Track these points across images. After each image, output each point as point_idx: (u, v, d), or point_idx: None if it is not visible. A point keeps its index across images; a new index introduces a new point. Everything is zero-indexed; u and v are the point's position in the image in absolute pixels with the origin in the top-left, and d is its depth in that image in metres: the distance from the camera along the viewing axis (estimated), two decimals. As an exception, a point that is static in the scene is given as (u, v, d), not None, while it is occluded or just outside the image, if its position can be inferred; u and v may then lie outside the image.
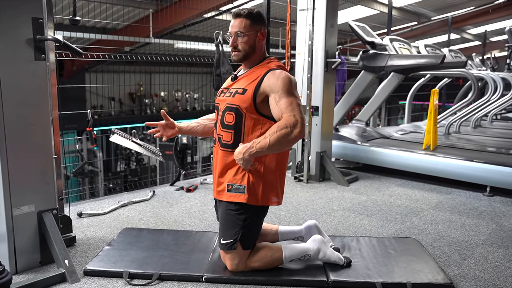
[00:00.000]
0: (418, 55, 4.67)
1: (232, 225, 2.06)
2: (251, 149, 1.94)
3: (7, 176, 2.04)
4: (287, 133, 1.91)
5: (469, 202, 3.59)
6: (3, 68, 1.98)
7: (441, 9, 10.06)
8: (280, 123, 1.93)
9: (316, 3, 4.00)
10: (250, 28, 2.05)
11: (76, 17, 2.29)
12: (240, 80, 2.13)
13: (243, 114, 2.03)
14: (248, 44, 2.06)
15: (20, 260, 2.15)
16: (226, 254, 2.11)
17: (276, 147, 1.94)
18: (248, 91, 2.03)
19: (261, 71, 2.06)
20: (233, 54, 2.10)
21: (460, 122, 5.92)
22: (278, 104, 1.97)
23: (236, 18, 2.07)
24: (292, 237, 2.40)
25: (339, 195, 3.72)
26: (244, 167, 2.00)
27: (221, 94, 2.18)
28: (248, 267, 2.11)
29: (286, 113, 1.94)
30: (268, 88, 2.00)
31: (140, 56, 4.93)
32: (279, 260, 2.15)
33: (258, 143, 1.93)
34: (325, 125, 4.20)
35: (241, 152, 1.96)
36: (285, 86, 1.98)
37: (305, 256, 2.17)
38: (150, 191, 3.65)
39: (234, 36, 2.06)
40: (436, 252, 2.54)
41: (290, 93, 1.98)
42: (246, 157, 1.95)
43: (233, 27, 2.08)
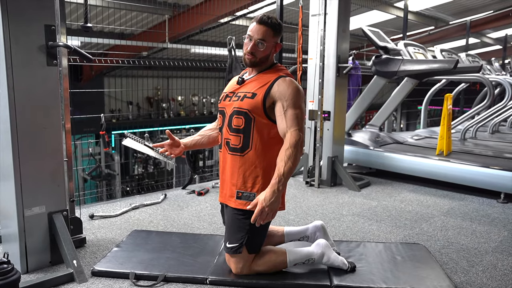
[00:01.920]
0: (430, 60, 4.63)
1: (238, 230, 2.08)
2: (280, 180, 1.88)
3: (19, 177, 2.11)
4: (299, 150, 1.94)
5: (481, 208, 3.54)
6: (16, 73, 2.05)
7: (459, 13, 9.93)
8: (291, 141, 1.93)
9: (328, 8, 4.01)
10: (272, 39, 2.07)
11: (87, 24, 2.35)
12: (248, 84, 2.12)
13: (252, 118, 2.05)
14: (265, 54, 2.08)
15: (31, 259, 2.21)
16: (231, 258, 2.13)
17: (296, 165, 1.95)
18: (258, 95, 2.04)
19: (271, 77, 2.07)
20: (246, 57, 2.08)
21: (477, 128, 5.83)
22: (285, 113, 1.98)
23: (261, 24, 2.05)
24: (298, 238, 2.40)
25: (350, 200, 3.71)
26: (273, 208, 1.87)
27: (226, 98, 2.17)
28: (252, 270, 2.13)
29: (292, 128, 1.96)
30: (277, 94, 2.01)
31: (156, 61, 5.01)
32: (283, 264, 2.16)
33: (281, 173, 1.88)
34: (336, 130, 4.19)
35: (273, 190, 1.87)
36: (294, 96, 2.00)
37: (309, 260, 2.18)
38: (162, 194, 3.71)
39: (255, 42, 2.05)
40: (444, 258, 2.51)
41: (297, 105, 2.00)
42: (281, 189, 1.89)
43: (255, 33, 2.05)
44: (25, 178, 2.13)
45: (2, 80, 2.05)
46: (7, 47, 2.01)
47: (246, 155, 2.07)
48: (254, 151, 2.05)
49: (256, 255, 2.14)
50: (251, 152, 2.06)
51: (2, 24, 1.99)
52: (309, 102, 4.20)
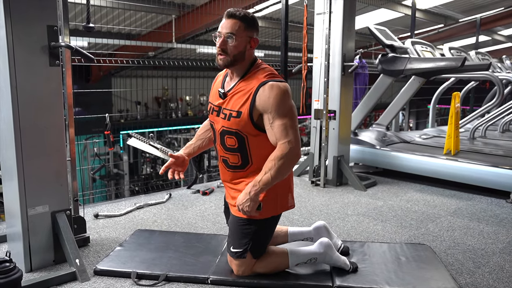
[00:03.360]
0: (437, 58, 4.58)
1: (242, 236, 2.05)
2: (255, 187, 1.88)
3: (22, 177, 2.12)
4: (285, 164, 1.88)
5: (490, 209, 3.48)
6: (19, 73, 2.07)
7: (469, 10, 9.81)
8: (276, 154, 1.88)
9: (333, 7, 3.98)
10: (243, 33, 1.91)
11: (89, 24, 2.36)
12: (231, 98, 1.99)
13: (244, 136, 1.97)
14: (238, 50, 1.91)
15: (35, 258, 2.23)
16: (234, 261, 2.12)
17: (279, 178, 1.90)
18: (243, 113, 1.93)
19: (252, 86, 1.93)
20: (218, 58, 1.93)
21: (486, 126, 5.76)
22: (272, 126, 1.90)
23: (229, 18, 1.91)
24: (301, 238, 2.38)
25: (355, 200, 3.68)
26: (251, 209, 1.90)
27: (213, 112, 2.07)
28: (253, 272, 2.12)
29: (280, 141, 1.88)
30: (261, 108, 1.90)
31: (163, 61, 5.03)
32: (285, 265, 2.14)
33: (260, 180, 1.88)
34: (342, 129, 4.16)
35: (247, 193, 1.90)
36: (277, 105, 1.87)
37: (311, 260, 2.15)
38: (167, 194, 3.71)
39: (224, 37, 1.90)
40: (449, 259, 2.48)
41: (282, 113, 1.88)
42: (253, 197, 1.88)
43: (224, 28, 1.91)
44: (28, 178, 2.14)
45: (5, 80, 2.07)
46: (10, 48, 2.03)
47: (249, 169, 2.04)
48: (257, 165, 1.99)
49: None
50: (253, 166, 2.02)
51: (5, 24, 2.01)
52: (314, 101, 4.18)
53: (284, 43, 4.59)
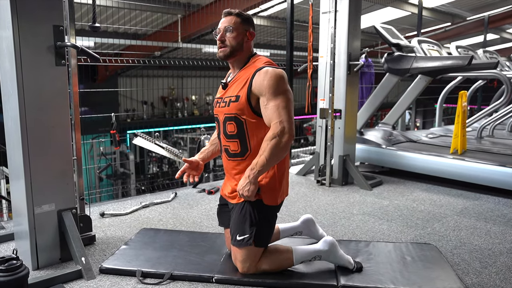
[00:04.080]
0: (444, 57, 4.55)
1: (247, 221, 2.06)
2: (253, 170, 1.93)
3: (29, 176, 2.14)
4: (277, 143, 1.91)
5: (497, 208, 3.46)
6: (25, 73, 2.08)
7: (477, 8, 9.73)
8: (268, 134, 1.94)
9: (338, 5, 3.97)
10: (240, 26, 2.07)
11: (95, 24, 2.37)
12: (231, 87, 2.11)
13: (243, 121, 2.04)
14: (237, 41, 2.05)
15: (42, 256, 2.25)
16: (238, 255, 2.11)
17: (273, 160, 1.95)
18: (241, 97, 2.02)
19: (249, 73, 2.04)
20: (219, 50, 2.08)
21: (494, 126, 5.71)
22: (266, 108, 1.97)
23: (227, 16, 2.09)
24: (291, 233, 2.48)
25: (361, 199, 3.67)
26: (251, 193, 1.96)
27: (217, 105, 2.18)
28: (258, 269, 2.12)
29: (273, 120, 1.94)
30: (257, 91, 1.99)
31: (169, 61, 5.04)
32: (289, 262, 2.15)
33: (257, 163, 1.93)
34: (348, 128, 4.15)
35: (246, 177, 1.95)
36: (271, 87, 1.95)
37: (315, 257, 2.15)
38: (172, 193, 3.73)
39: (223, 31, 2.06)
40: (456, 259, 2.46)
41: (276, 94, 1.95)
42: (252, 180, 1.94)
43: (222, 23, 2.08)
44: (35, 177, 2.16)
45: (12, 80, 2.09)
46: (16, 48, 2.04)
47: (248, 157, 2.08)
48: (255, 153, 2.02)
49: (262, 254, 2.13)
50: (252, 154, 2.06)
51: (12, 24, 2.02)
52: (320, 100, 4.17)
53: (290, 42, 4.59)
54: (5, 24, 2.07)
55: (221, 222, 2.37)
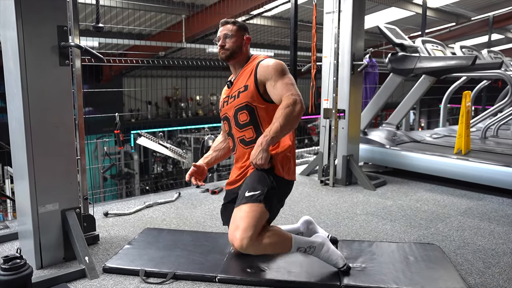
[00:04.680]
0: (448, 57, 4.53)
1: (260, 181, 2.09)
2: (266, 137, 2.02)
3: (33, 175, 2.15)
4: (291, 111, 2.02)
5: (501, 209, 3.44)
6: (30, 73, 2.09)
7: (481, 8, 9.69)
8: (281, 105, 2.05)
9: (342, 5, 3.97)
10: (237, 32, 2.27)
11: (99, 24, 2.38)
12: (236, 83, 2.28)
13: (253, 107, 2.17)
14: (236, 44, 2.25)
15: (45, 255, 2.26)
16: (242, 221, 2.01)
17: (287, 127, 2.04)
18: (249, 86, 2.17)
19: (252, 66, 2.22)
20: (220, 53, 2.27)
21: (499, 126, 5.68)
22: (275, 88, 2.11)
23: (224, 25, 2.29)
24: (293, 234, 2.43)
25: (364, 199, 3.67)
26: (264, 161, 2.03)
27: (224, 104, 2.32)
28: (259, 243, 2.03)
29: (284, 94, 2.07)
30: (263, 77, 2.14)
31: (173, 61, 5.05)
32: (288, 242, 2.11)
33: (271, 130, 2.03)
34: (351, 128, 4.15)
35: (258, 145, 2.04)
36: (276, 70, 2.12)
37: (310, 247, 2.16)
38: (176, 193, 3.74)
39: (223, 38, 2.26)
40: (459, 259, 2.45)
41: (282, 75, 2.12)
42: (265, 147, 2.02)
43: (221, 31, 2.28)
44: (39, 176, 2.17)
45: (16, 80, 2.10)
46: (21, 48, 2.06)
47: None
48: None
49: (265, 230, 2.08)
50: None
51: (16, 25, 2.04)
52: (323, 100, 4.17)
53: (294, 43, 4.59)
54: (9, 24, 2.09)
55: (226, 221, 2.36)
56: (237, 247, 2.01)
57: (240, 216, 2.05)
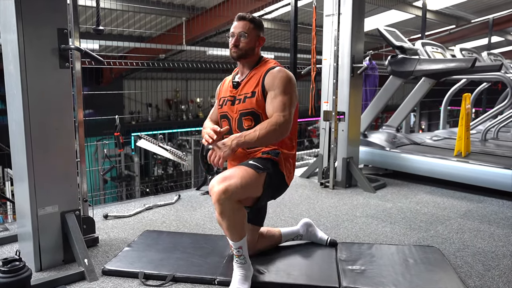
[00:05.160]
0: (447, 59, 4.54)
1: (266, 164, 2.07)
2: (240, 138, 1.97)
3: (32, 178, 2.16)
4: (274, 131, 1.99)
5: (501, 211, 3.44)
6: (30, 75, 2.10)
7: (481, 11, 9.70)
8: (271, 120, 2.02)
9: (342, 8, 3.98)
10: (253, 31, 2.17)
11: (99, 27, 2.39)
12: (244, 85, 2.19)
13: (259, 114, 2.13)
14: (249, 45, 2.17)
15: (45, 258, 2.26)
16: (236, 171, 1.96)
17: (262, 141, 2.01)
18: (257, 93, 2.13)
19: (261, 71, 2.16)
20: (232, 51, 2.17)
21: (499, 128, 5.68)
22: (272, 101, 2.06)
23: (240, 20, 2.17)
24: (293, 237, 2.59)
25: (364, 202, 3.67)
26: (223, 153, 1.94)
27: (226, 103, 2.22)
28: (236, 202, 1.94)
29: (277, 112, 2.03)
30: (268, 86, 2.10)
31: (173, 63, 5.06)
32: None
33: (248, 135, 1.98)
34: (351, 130, 4.15)
35: (230, 139, 1.97)
36: (282, 85, 2.07)
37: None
38: (176, 195, 3.74)
39: (237, 35, 2.16)
40: (458, 262, 2.45)
41: (285, 92, 2.07)
42: (234, 146, 1.96)
43: (236, 28, 2.17)
44: (39, 178, 2.18)
45: (16, 82, 2.11)
46: (21, 50, 2.07)
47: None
48: None
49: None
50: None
51: (16, 27, 2.05)
52: (323, 102, 4.17)
53: (294, 45, 4.60)
54: (10, 27, 2.10)
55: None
56: (217, 190, 1.88)
57: (235, 168, 2.00)
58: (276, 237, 2.50)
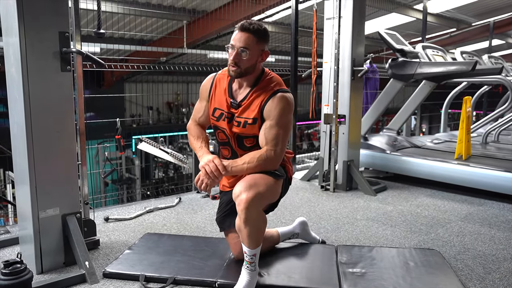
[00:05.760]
0: (448, 62, 4.55)
1: (280, 170, 2.10)
2: (231, 168, 1.99)
3: (34, 180, 2.16)
4: (264, 166, 2.00)
5: (502, 214, 3.44)
6: (31, 78, 2.11)
7: (482, 14, 9.72)
8: (262, 154, 1.99)
9: (342, 11, 3.99)
10: (256, 46, 1.99)
11: (100, 30, 2.40)
12: (245, 106, 2.06)
13: None
14: (251, 63, 2.00)
15: (46, 260, 2.26)
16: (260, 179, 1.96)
17: (249, 171, 2.00)
18: (258, 119, 2.04)
19: (263, 95, 2.03)
20: (230, 69, 2.01)
21: (499, 131, 5.68)
22: (266, 131, 2.01)
23: (243, 31, 1.97)
24: (289, 236, 2.61)
25: (365, 205, 3.67)
26: (210, 182, 1.96)
27: (224, 118, 2.11)
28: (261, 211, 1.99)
29: (269, 146, 2.00)
30: (266, 114, 2.03)
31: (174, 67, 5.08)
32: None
33: (235, 166, 1.99)
34: (352, 133, 4.15)
35: (223, 168, 1.97)
36: (279, 116, 2.00)
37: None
38: (177, 198, 3.74)
39: (238, 50, 1.97)
40: (459, 265, 2.45)
41: (281, 124, 2.01)
42: (223, 173, 1.97)
43: (237, 41, 1.97)
44: (40, 181, 2.18)
45: (18, 85, 2.12)
46: (23, 54, 2.07)
47: None
48: None
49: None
50: None
51: (18, 31, 2.06)
52: (324, 106, 4.18)
53: (294, 48, 4.62)
54: (11, 30, 2.11)
55: (227, 225, 2.34)
56: (246, 198, 1.87)
57: (257, 175, 1.98)
58: (274, 237, 2.52)
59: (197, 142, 2.19)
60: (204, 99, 2.25)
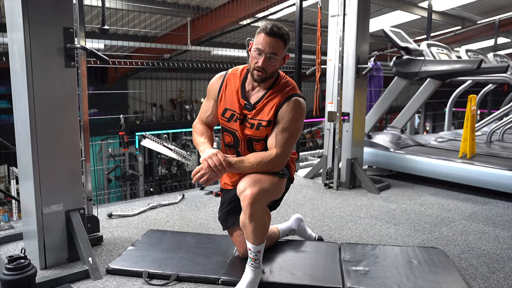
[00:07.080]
0: (453, 60, 4.52)
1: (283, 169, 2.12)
2: (235, 164, 1.98)
3: (38, 176, 2.17)
4: (268, 165, 2.00)
5: (506, 213, 3.42)
6: (36, 75, 2.11)
7: (487, 12, 9.66)
8: (269, 156, 2.00)
9: (347, 9, 3.97)
10: (283, 51, 1.99)
11: (104, 26, 2.40)
12: (260, 110, 2.06)
13: None
14: (275, 68, 2.01)
15: (49, 256, 2.27)
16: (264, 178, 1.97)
17: (253, 169, 2.00)
18: (272, 122, 2.05)
19: (278, 98, 2.03)
20: (256, 73, 1.98)
21: (504, 130, 5.65)
22: (277, 134, 2.02)
23: (273, 37, 1.93)
24: (288, 232, 2.65)
25: (368, 203, 3.66)
26: (212, 176, 1.95)
27: (236, 120, 2.09)
28: (265, 207, 2.00)
29: (278, 149, 2.01)
30: (279, 118, 2.03)
31: (178, 63, 5.07)
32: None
33: (241, 164, 1.98)
34: (356, 131, 4.14)
35: (228, 163, 1.96)
36: (292, 121, 2.02)
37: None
38: (180, 195, 3.74)
39: (266, 56, 1.94)
40: (463, 264, 2.44)
41: (291, 129, 2.03)
42: (227, 169, 1.96)
43: (266, 46, 1.93)
44: (44, 177, 2.18)
45: (22, 81, 2.12)
46: (27, 50, 2.08)
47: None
48: None
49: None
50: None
51: (23, 27, 2.06)
52: (328, 103, 4.17)
53: (298, 46, 4.61)
54: (16, 26, 2.11)
55: (231, 223, 2.33)
56: (251, 193, 1.88)
57: (262, 175, 1.99)
58: (275, 234, 2.53)
59: (201, 138, 2.17)
60: (212, 99, 2.22)
